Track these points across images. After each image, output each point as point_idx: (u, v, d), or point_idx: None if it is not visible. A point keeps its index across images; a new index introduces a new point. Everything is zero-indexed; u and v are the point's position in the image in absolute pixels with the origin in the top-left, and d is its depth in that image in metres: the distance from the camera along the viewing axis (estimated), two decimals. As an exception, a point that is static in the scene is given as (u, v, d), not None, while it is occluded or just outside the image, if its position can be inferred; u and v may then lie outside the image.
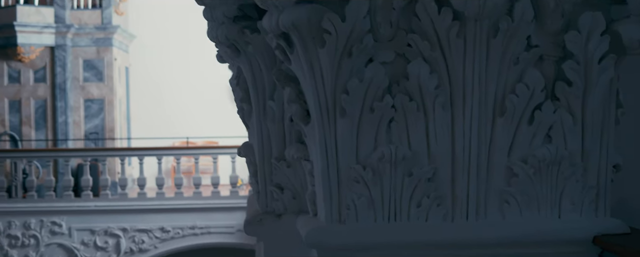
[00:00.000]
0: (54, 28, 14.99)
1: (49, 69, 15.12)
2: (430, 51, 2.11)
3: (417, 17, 2.10)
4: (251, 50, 2.44)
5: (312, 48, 2.09)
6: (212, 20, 2.44)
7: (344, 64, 2.10)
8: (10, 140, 15.21)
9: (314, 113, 2.17)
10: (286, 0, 2.05)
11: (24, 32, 14.73)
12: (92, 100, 15.32)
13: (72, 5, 15.27)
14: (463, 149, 2.15)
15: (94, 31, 15.23)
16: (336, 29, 2.06)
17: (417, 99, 2.12)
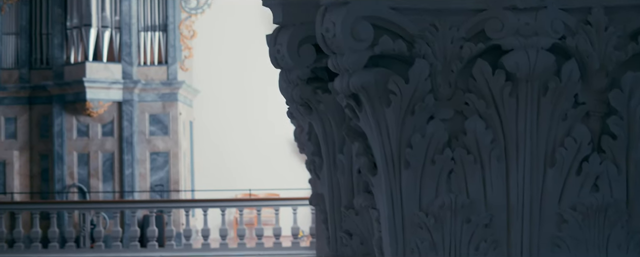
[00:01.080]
0: (122, 84, 15.46)
1: (116, 123, 15.56)
2: (485, 109, 2.32)
3: (474, 79, 2.33)
4: (323, 109, 2.68)
5: (378, 107, 2.32)
6: (287, 82, 2.69)
7: (407, 121, 2.32)
8: (78, 192, 15.64)
9: (381, 165, 2.39)
10: (355, 65, 2.29)
11: (92, 87, 15.22)
12: (158, 153, 15.70)
13: (139, 61, 15.75)
14: (517, 197, 2.35)
15: (160, 87, 15.67)
16: (400, 90, 2.29)
17: (474, 152, 2.33)
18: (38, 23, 16.11)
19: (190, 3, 16.11)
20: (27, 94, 15.98)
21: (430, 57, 2.31)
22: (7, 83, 16.03)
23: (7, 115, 16.06)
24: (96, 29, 15.37)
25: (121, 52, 15.64)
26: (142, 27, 15.82)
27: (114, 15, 15.58)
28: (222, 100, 16.75)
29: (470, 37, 2.34)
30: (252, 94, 16.29)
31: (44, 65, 16.04)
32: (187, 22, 16.05)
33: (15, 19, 16.16)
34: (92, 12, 15.29)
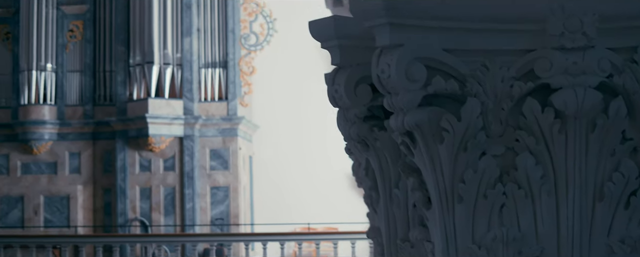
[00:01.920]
0: (183, 119, 15.71)
1: (177, 158, 15.80)
2: (535, 145, 2.42)
3: (524, 116, 2.43)
4: (379, 145, 2.79)
5: (432, 144, 2.43)
6: (345, 120, 2.81)
7: (460, 157, 2.43)
8: (140, 225, 15.88)
9: (435, 200, 2.49)
10: (409, 104, 2.41)
11: (155, 123, 15.49)
12: (218, 188, 15.89)
13: (200, 97, 16.00)
14: (567, 230, 2.43)
15: (220, 122, 15.89)
16: (453, 127, 2.40)
17: (525, 187, 2.43)
18: (102, 61, 16.47)
19: (249, 40, 16.36)
20: (91, 130, 16.31)
21: (481, 96, 2.42)
22: (72, 119, 16.38)
23: (71, 150, 16.39)
24: (158, 66, 15.67)
25: (183, 88, 15.91)
26: (203, 64, 16.09)
27: (176, 53, 15.88)
28: (280, 135, 16.91)
29: (520, 76, 2.44)
30: (311, 129, 16.44)
31: (108, 102, 16.37)
32: (246, 58, 16.29)
33: (80, 56, 16.54)
34: (155, 49, 15.60)
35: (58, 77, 16.41)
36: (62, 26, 16.50)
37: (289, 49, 16.70)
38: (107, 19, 16.46)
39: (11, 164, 16.44)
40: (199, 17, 16.14)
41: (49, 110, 16.23)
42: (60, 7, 16.49)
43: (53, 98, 16.34)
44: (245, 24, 16.37)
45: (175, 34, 15.91)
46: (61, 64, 16.44)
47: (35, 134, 16.12)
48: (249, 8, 16.40)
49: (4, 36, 16.75)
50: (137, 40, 15.79)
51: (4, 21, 16.75)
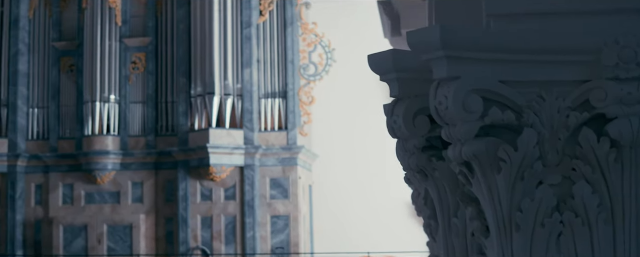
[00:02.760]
0: (244, 149, 15.86)
1: (238, 187, 15.95)
2: (591, 174, 2.46)
3: (580, 146, 2.47)
4: (437, 175, 2.85)
5: (490, 174, 2.49)
6: (404, 150, 2.88)
7: (517, 187, 2.48)
8: (202, 254, 16.02)
9: (493, 228, 2.54)
10: (467, 135, 2.47)
11: (216, 153, 15.66)
12: (278, 217, 15.99)
13: (260, 127, 16.14)
14: (624, 258, 2.47)
15: (280, 151, 16.01)
16: (510, 157, 2.45)
17: (582, 216, 2.47)
18: (164, 92, 16.72)
19: (308, 70, 16.50)
20: (153, 160, 16.54)
21: (537, 126, 2.47)
22: (134, 149, 16.63)
23: (134, 180, 16.62)
24: (219, 96, 15.86)
25: (243, 118, 16.08)
26: (262, 94, 16.25)
27: (236, 83, 16.06)
28: (340, 164, 16.98)
29: (576, 106, 2.49)
30: (370, 158, 16.49)
31: (170, 132, 16.59)
32: (305, 88, 16.42)
33: (143, 88, 16.83)
34: (215, 80, 15.81)
35: (121, 108, 16.70)
36: (124, 58, 16.82)
37: (348, 79, 16.80)
38: (168, 51, 16.74)
39: (75, 193, 16.72)
40: (259, 48, 16.34)
41: (112, 141, 16.51)
42: (123, 39, 16.81)
43: (116, 129, 16.62)
44: (304, 54, 16.53)
45: (235, 65, 16.11)
46: (124, 95, 16.73)
47: (98, 164, 16.39)
48: (308, 39, 16.55)
49: (68, 68, 17.12)
50: (198, 72, 16.01)
51: (68, 54, 17.12)
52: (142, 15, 16.97)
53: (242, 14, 16.21)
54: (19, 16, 17.04)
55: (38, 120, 17.04)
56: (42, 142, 16.96)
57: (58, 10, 17.23)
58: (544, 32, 2.50)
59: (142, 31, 16.96)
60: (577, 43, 2.49)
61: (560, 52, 2.49)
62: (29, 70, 17.08)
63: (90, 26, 16.70)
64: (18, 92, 16.86)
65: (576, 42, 2.49)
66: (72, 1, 17.24)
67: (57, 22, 17.24)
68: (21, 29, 17.05)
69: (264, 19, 16.39)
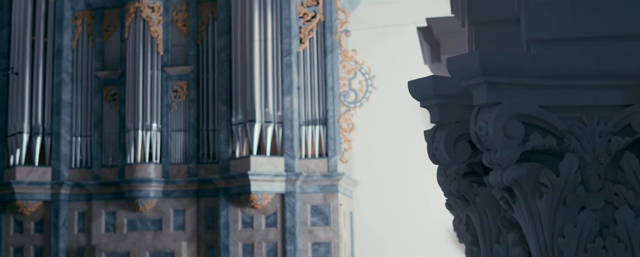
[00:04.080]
0: (284, 176, 15.89)
1: (279, 214, 15.97)
2: (634, 199, 2.46)
3: (622, 170, 2.47)
4: (479, 201, 2.86)
5: (531, 199, 2.49)
6: (445, 176, 2.89)
7: (559, 212, 2.48)
8: (243, 282, 16.03)
9: (535, 254, 2.54)
10: (508, 160, 2.48)
11: (257, 180, 15.70)
12: (319, 244, 15.97)
13: (301, 154, 16.18)
14: (668, 283, 2.45)
15: (320, 178, 16.02)
16: (552, 182, 2.46)
17: (625, 241, 2.46)
18: (205, 120, 16.84)
19: (349, 97, 16.53)
20: (195, 188, 16.63)
21: (579, 151, 2.47)
22: (176, 177, 16.74)
23: (176, 207, 16.71)
24: (260, 124, 15.94)
25: (284, 145, 16.13)
26: (303, 122, 16.31)
27: (277, 111, 16.14)
28: (381, 191, 16.96)
29: (617, 131, 2.49)
30: (411, 184, 16.44)
31: (211, 160, 16.69)
32: (346, 115, 16.45)
33: (184, 116, 16.96)
34: (256, 108, 15.89)
35: (163, 137, 16.84)
36: (166, 87, 16.98)
37: (388, 105, 16.81)
38: (210, 79, 16.88)
39: (118, 221, 16.85)
40: (299, 75, 16.42)
41: (155, 169, 16.63)
42: (165, 68, 16.98)
43: (158, 157, 16.74)
44: (345, 81, 16.57)
45: (276, 93, 16.19)
46: (166, 123, 16.87)
47: (141, 192, 16.52)
48: (348, 66, 16.61)
49: (111, 97, 17.31)
50: (239, 99, 16.11)
51: (111, 83, 17.32)
52: (184, 44, 17.15)
53: (283, 42, 16.32)
54: (62, 46, 17.30)
55: (81, 149, 17.23)
56: (85, 170, 17.14)
57: (101, 40, 17.47)
58: (585, 57, 2.51)
59: (183, 60, 17.12)
60: (617, 68, 2.49)
61: (601, 77, 2.50)
62: (72, 100, 17.30)
63: (132, 55, 16.90)
64: (61, 121, 17.08)
65: (617, 67, 2.49)
66: (114, 31, 17.47)
67: (100, 52, 17.47)
68: (65, 59, 17.30)
69: (304, 46, 16.49)
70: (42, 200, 16.89)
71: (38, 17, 17.39)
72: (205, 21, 17.11)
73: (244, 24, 16.31)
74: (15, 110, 16.99)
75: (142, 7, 16.93)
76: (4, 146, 17.18)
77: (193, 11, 17.16)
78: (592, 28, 2.59)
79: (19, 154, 16.80)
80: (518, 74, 2.47)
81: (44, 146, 17.04)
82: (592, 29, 2.59)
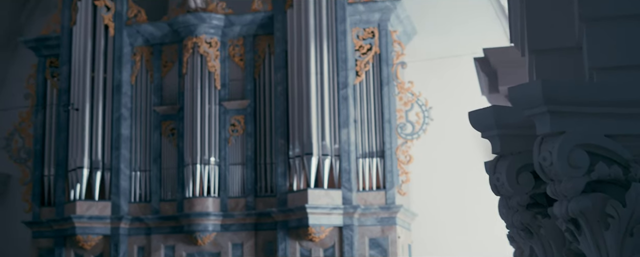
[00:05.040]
0: (342, 209, 15.86)
1: (337, 247, 15.92)
2: None
3: (691, 201, 2.40)
4: (543, 233, 2.81)
5: (597, 230, 2.44)
6: (507, 208, 2.85)
7: (626, 243, 2.42)
8: (302, 316, 15.96)
9: (602, 287, 2.48)
10: (573, 191, 2.43)
11: (314, 213, 15.69)
12: (378, 277, 15.87)
13: (358, 187, 16.14)
14: None
15: (378, 211, 15.96)
16: (618, 213, 2.40)
17: (695, 271, 2.39)
18: (262, 153, 16.91)
19: (406, 129, 16.49)
20: (253, 221, 16.66)
21: (646, 181, 2.42)
22: (234, 211, 16.79)
23: (234, 241, 16.75)
24: (317, 157, 15.94)
25: (341, 178, 16.10)
26: (360, 154, 16.28)
27: (334, 144, 16.14)
28: (440, 223, 16.82)
29: (686, 160, 2.43)
30: (471, 216, 16.29)
31: (269, 193, 16.72)
32: (403, 147, 16.39)
33: (242, 150, 17.04)
34: (313, 141, 15.92)
35: (221, 170, 16.93)
36: (224, 121, 17.10)
37: (446, 137, 16.74)
38: (267, 113, 16.97)
39: (177, 255, 16.93)
40: (356, 108, 16.43)
41: (213, 203, 16.71)
42: (222, 102, 17.11)
43: (216, 190, 16.83)
44: (401, 113, 16.54)
45: (333, 126, 16.21)
46: (224, 157, 16.97)
47: (199, 226, 16.59)
48: (405, 98, 16.58)
49: (170, 132, 17.48)
50: (296, 133, 16.16)
51: (169, 118, 17.50)
52: (241, 78, 17.28)
53: (339, 75, 16.36)
54: (121, 82, 17.54)
55: (140, 183, 17.39)
56: (144, 204, 17.29)
57: (159, 75, 17.68)
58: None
59: (240, 94, 17.25)
60: (684, 95, 2.44)
61: (666, 105, 2.45)
62: (131, 135, 17.51)
63: (190, 90, 17.07)
64: (121, 156, 17.27)
65: (683, 94, 2.44)
66: (172, 67, 17.68)
67: (158, 87, 17.67)
68: (124, 95, 17.54)
69: (360, 79, 16.51)
70: (102, 234, 17.06)
71: (97, 54, 17.68)
72: (261, 55, 17.24)
73: (300, 57, 16.40)
74: (76, 146, 17.23)
75: (199, 42, 17.12)
76: (65, 181, 17.42)
77: (250, 46, 17.31)
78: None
79: (79, 189, 17.02)
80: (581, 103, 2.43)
81: (103, 180, 17.24)
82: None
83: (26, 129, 18.28)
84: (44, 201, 17.71)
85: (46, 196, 17.72)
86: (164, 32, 17.68)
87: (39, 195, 17.74)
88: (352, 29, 16.68)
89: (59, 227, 17.19)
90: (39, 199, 17.72)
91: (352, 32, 16.68)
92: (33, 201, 17.76)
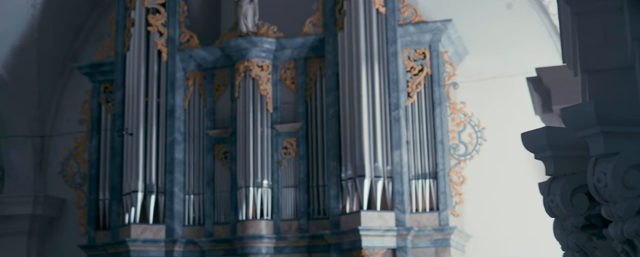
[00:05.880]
0: (395, 231, 15.79)
1: (391, 269, 15.83)
2: None
3: None
4: (598, 255, 2.77)
5: (654, 252, 2.40)
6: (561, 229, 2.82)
7: (684, 265, 2.38)
8: None
9: (660, 309, 2.44)
10: (628, 212, 2.40)
11: (367, 235, 15.64)
12: (431, 299, 15.75)
13: (411, 209, 16.07)
14: None
15: (432, 233, 15.86)
16: (675, 234, 2.37)
17: None
18: (315, 176, 16.92)
19: (459, 150, 16.40)
20: (306, 243, 16.65)
21: (703, 201, 2.38)
22: (287, 233, 16.81)
23: (287, 264, 16.77)
24: (369, 179, 15.92)
25: (394, 200, 16.04)
26: (412, 176, 16.22)
27: (386, 165, 16.10)
28: (494, 244, 16.66)
29: None
30: (525, 237, 16.10)
31: (321, 216, 16.71)
32: (456, 168, 16.30)
33: (294, 172, 17.07)
34: (366, 163, 15.90)
35: (274, 193, 16.97)
36: (276, 144, 17.16)
37: (499, 157, 16.62)
38: (319, 136, 17.00)
39: (231, 278, 16.99)
40: (408, 129, 16.39)
41: (266, 225, 16.74)
42: (274, 126, 17.18)
43: (269, 213, 16.86)
44: (454, 134, 16.47)
45: (385, 147, 16.18)
46: (276, 180, 17.01)
47: (253, 248, 16.62)
48: (457, 118, 16.51)
49: (223, 155, 17.58)
50: (349, 155, 16.15)
51: (222, 141, 17.61)
52: (292, 101, 17.35)
53: (390, 96, 16.34)
54: (175, 106, 17.71)
55: (194, 207, 17.50)
56: (198, 227, 17.39)
57: (212, 99, 17.82)
58: None
59: (292, 117, 17.31)
60: None
61: None
62: (185, 158, 17.64)
63: (242, 114, 17.17)
64: (175, 180, 17.41)
65: None
66: (225, 91, 17.81)
67: (211, 111, 17.81)
68: (177, 119, 17.70)
69: (412, 100, 16.48)
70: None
71: (151, 79, 17.88)
72: (313, 78, 17.30)
73: (352, 79, 16.43)
74: (130, 170, 17.41)
75: (251, 66, 17.23)
76: (120, 204, 17.60)
77: (301, 69, 17.39)
78: None
79: (133, 213, 17.18)
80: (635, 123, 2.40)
81: (158, 204, 17.38)
82: None
83: (81, 154, 18.53)
84: (99, 225, 17.92)
85: (101, 219, 17.93)
86: (216, 56, 17.83)
87: (94, 219, 17.95)
88: (403, 51, 16.67)
89: (114, 251, 17.34)
90: (94, 222, 17.93)
91: (403, 53, 16.67)
92: (88, 224, 17.97)
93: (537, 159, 2.76)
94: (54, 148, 19.86)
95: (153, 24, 18.08)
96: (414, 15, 16.82)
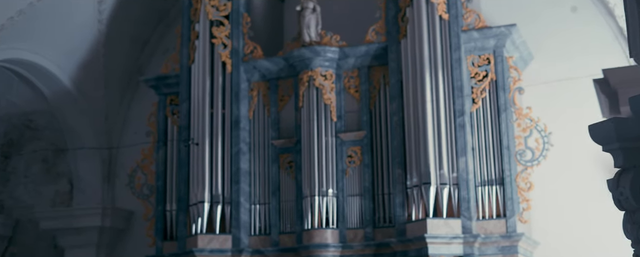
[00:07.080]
0: (462, 238, 15.65)
1: (451, 277, 15.70)
2: None
3: None
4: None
5: None
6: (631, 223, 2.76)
7: None
8: None
9: None
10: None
11: (434, 243, 15.53)
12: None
13: (478, 216, 15.93)
14: None
15: (499, 240, 15.69)
16: None
17: None
18: (380, 184, 16.86)
19: (525, 156, 16.21)
20: (372, 252, 16.59)
21: None
22: (353, 242, 16.76)
23: (355, 273, 16.73)
24: (435, 186, 15.81)
25: (460, 207, 15.90)
26: (478, 182, 16.08)
27: (452, 173, 15.98)
28: (563, 251, 16.42)
29: None
30: (594, 242, 15.83)
31: (387, 224, 16.63)
32: (523, 174, 16.11)
33: (359, 181, 17.04)
34: (431, 170, 15.80)
35: (339, 202, 16.96)
36: (341, 153, 17.15)
37: (567, 162, 16.41)
38: (383, 144, 16.96)
39: (297, 287, 17.01)
40: (473, 136, 16.26)
41: (331, 234, 16.73)
42: (339, 134, 17.18)
43: (335, 222, 16.85)
44: (520, 140, 16.29)
45: (450, 154, 16.06)
46: (341, 188, 17.00)
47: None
48: (523, 124, 16.33)
49: (287, 165, 17.63)
50: (414, 163, 16.08)
51: (287, 151, 17.66)
52: (356, 110, 17.34)
53: (455, 103, 16.24)
54: (239, 117, 17.82)
55: (260, 216, 17.58)
56: (264, 237, 17.45)
57: (276, 110, 17.90)
58: None
59: (357, 125, 17.30)
60: None
61: None
62: (250, 168, 17.74)
63: (307, 123, 17.21)
64: (240, 190, 17.50)
65: None
66: (289, 100, 17.88)
67: (276, 121, 17.88)
68: (242, 129, 17.81)
69: (477, 106, 16.35)
70: (224, 267, 17.27)
71: (216, 91, 18.03)
72: (376, 86, 17.28)
73: (416, 87, 16.37)
74: (196, 181, 17.56)
75: (315, 75, 17.28)
76: (186, 215, 17.75)
77: (365, 77, 17.38)
78: None
79: (200, 223, 17.31)
80: None
81: (224, 214, 17.49)
82: None
83: (148, 165, 18.75)
84: (167, 236, 18.08)
85: (168, 230, 18.09)
86: (280, 66, 17.92)
87: (162, 230, 18.13)
88: (467, 57, 16.57)
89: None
90: (162, 233, 18.11)
91: (467, 59, 16.57)
92: (156, 235, 18.16)
93: (605, 151, 2.72)
94: (122, 160, 20.16)
95: (217, 36, 18.23)
96: (477, 21, 16.71)
